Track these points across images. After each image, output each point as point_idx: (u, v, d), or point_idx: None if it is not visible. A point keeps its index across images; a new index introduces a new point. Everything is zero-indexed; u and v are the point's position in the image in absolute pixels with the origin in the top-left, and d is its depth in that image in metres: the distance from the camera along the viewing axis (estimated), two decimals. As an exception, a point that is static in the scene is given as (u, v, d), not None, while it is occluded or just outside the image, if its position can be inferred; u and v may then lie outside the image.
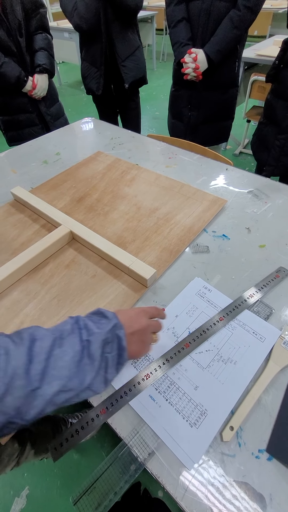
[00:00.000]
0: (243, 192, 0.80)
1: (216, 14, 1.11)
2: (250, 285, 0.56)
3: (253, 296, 0.54)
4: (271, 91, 1.28)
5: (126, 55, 1.39)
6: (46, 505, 0.88)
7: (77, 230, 0.66)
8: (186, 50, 1.20)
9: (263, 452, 0.38)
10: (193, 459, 0.37)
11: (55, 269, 0.61)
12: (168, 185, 0.82)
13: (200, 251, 0.64)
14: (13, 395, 0.27)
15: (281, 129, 1.22)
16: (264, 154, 1.36)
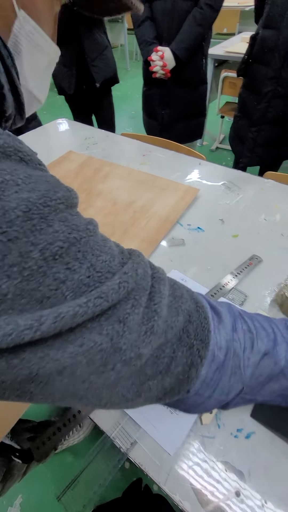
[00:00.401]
0: (216, 185, 0.82)
1: (179, 13, 1.13)
2: (225, 273, 0.58)
3: (228, 284, 0.56)
4: (243, 85, 1.32)
5: (95, 55, 1.40)
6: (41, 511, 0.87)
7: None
8: (153, 49, 1.21)
9: (241, 431, 0.39)
10: (174, 444, 0.38)
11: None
12: (142, 179, 0.83)
13: (176, 244, 0.65)
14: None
15: (252, 121, 1.25)
16: (239, 146, 1.40)
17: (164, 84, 1.33)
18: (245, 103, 1.30)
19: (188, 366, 0.21)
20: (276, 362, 0.25)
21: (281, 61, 1.08)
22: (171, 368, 0.21)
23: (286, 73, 1.09)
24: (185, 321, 0.22)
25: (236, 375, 0.24)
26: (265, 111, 1.20)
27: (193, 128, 1.56)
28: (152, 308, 0.20)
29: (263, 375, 0.25)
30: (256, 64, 1.18)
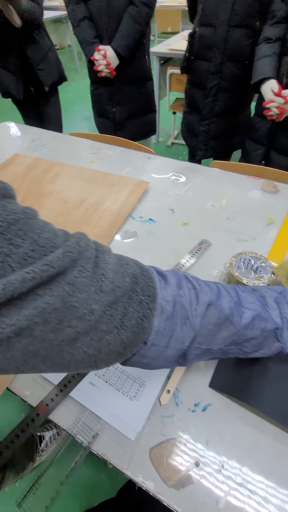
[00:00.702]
0: (165, 177, 0.84)
1: (116, 11, 1.14)
2: (177, 260, 0.60)
3: (181, 269, 0.58)
4: (188, 81, 1.36)
5: (39, 58, 1.37)
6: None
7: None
8: (94, 48, 1.21)
9: (198, 405, 0.41)
10: (135, 429, 0.39)
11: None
12: (92, 177, 0.83)
13: (129, 237, 0.66)
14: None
15: (203, 116, 1.31)
16: (193, 140, 1.45)
17: (111, 83, 1.33)
18: (192, 98, 1.35)
19: (141, 318, 0.24)
20: (221, 310, 0.29)
21: (221, 57, 1.13)
22: (125, 322, 0.23)
23: (227, 67, 1.15)
24: (132, 282, 0.25)
25: (187, 325, 0.27)
26: (213, 105, 1.26)
27: (145, 124, 1.58)
28: (98, 272, 0.23)
29: (211, 324, 0.29)
30: (198, 60, 1.23)
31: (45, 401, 0.41)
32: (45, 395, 0.42)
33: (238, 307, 0.30)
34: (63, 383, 0.43)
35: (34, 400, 0.42)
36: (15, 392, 0.43)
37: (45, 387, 0.43)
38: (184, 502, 0.34)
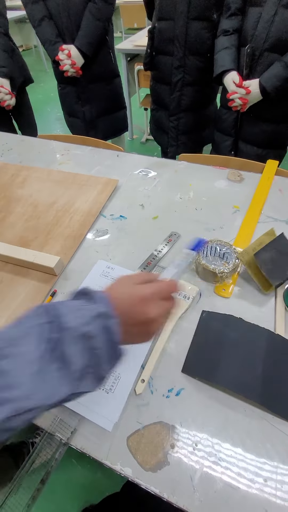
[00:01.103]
0: (135, 174, 0.85)
1: (75, 9, 1.13)
2: (147, 254, 0.61)
3: (151, 263, 0.59)
4: (152, 78, 1.37)
5: (1, 60, 1.32)
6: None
7: None
8: (58, 48, 1.20)
9: (171, 391, 0.42)
10: (112, 420, 0.40)
11: None
12: (61, 178, 0.83)
13: (100, 235, 0.67)
14: None
15: (170, 111, 1.32)
16: (163, 137, 1.46)
17: (77, 82, 1.32)
18: (158, 94, 1.36)
19: None
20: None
21: (183, 50, 1.14)
22: None
23: (190, 61, 1.16)
24: None
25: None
26: (179, 99, 1.27)
27: (116, 121, 1.58)
28: None
29: None
30: (160, 55, 1.23)
31: (22, 404, 0.42)
32: (21, 398, 0.42)
33: None
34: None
35: (11, 403, 0.42)
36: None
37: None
38: (161, 483, 0.35)
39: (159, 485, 0.35)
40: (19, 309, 0.53)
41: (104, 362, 0.27)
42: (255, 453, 0.37)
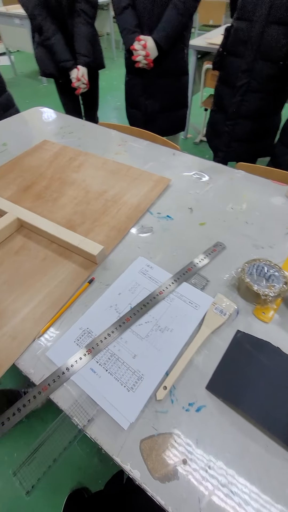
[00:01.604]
0: (188, 175, 0.83)
1: (160, 1, 1.12)
2: (189, 259, 0.60)
3: (191, 270, 0.58)
4: (218, 78, 1.32)
5: (85, 49, 1.37)
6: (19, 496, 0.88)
7: (25, 216, 0.65)
8: (135, 37, 1.20)
9: (192, 405, 0.41)
10: (129, 419, 0.40)
11: (4, 257, 0.60)
12: (115, 169, 0.84)
13: (144, 232, 0.67)
14: None
15: (228, 115, 1.27)
16: (216, 141, 1.41)
17: (146, 74, 1.32)
18: (220, 96, 1.31)
19: None
20: None
21: (254, 54, 1.09)
22: None
23: (259, 66, 1.10)
24: None
25: None
26: (240, 105, 1.22)
27: (176, 119, 1.56)
28: None
29: None
30: (231, 56, 1.18)
31: (47, 381, 0.43)
32: (48, 375, 0.44)
33: None
34: (65, 366, 0.45)
35: (37, 378, 0.44)
36: (20, 368, 0.45)
37: (49, 367, 0.45)
38: (168, 496, 0.35)
39: (165, 497, 0.34)
40: (58, 288, 0.54)
41: None
42: (273, 496, 0.34)
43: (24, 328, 0.48)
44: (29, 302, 0.52)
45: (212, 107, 1.41)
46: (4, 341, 0.47)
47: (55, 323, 0.51)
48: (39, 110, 1.20)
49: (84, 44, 1.33)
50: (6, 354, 0.45)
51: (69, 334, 0.49)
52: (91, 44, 1.35)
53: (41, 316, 0.50)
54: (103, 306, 0.53)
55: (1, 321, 0.49)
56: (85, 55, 1.33)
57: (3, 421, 0.41)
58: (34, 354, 0.47)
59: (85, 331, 0.49)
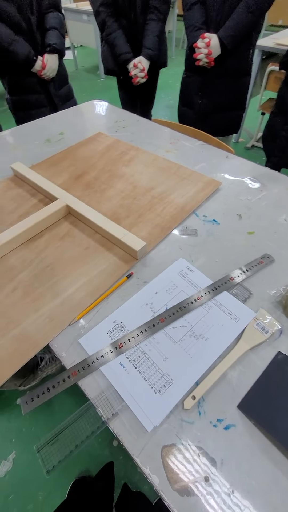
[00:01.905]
0: (240, 180, 0.79)
1: (232, -2, 1.08)
2: (233, 268, 0.57)
3: (234, 279, 0.55)
4: (284, 80, 1.25)
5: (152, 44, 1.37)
6: (31, 469, 0.93)
7: (73, 204, 0.67)
8: (199, 35, 1.17)
9: (221, 422, 0.39)
10: (153, 422, 0.39)
11: (50, 240, 0.63)
12: (165, 167, 0.83)
13: (188, 234, 0.65)
14: None
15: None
16: (271, 145, 1.34)
17: (205, 72, 1.29)
18: (283, 98, 1.23)
19: None
20: None
21: None
22: None
23: None
24: None
25: None
26: None
27: (230, 121, 1.50)
28: None
29: None
30: (302, 58, 1.10)
31: (78, 367, 0.44)
32: (79, 361, 0.45)
33: None
34: (96, 356, 0.45)
35: (68, 362, 0.45)
36: (53, 349, 0.47)
37: (80, 354, 0.46)
38: (185, 510, 0.33)
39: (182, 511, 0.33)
40: (97, 278, 0.55)
41: None
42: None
43: (62, 311, 0.50)
44: (68, 288, 0.53)
45: (272, 109, 1.34)
46: (41, 321, 0.48)
47: (90, 312, 0.51)
48: (96, 103, 1.24)
49: (152, 39, 1.34)
50: (43, 334, 0.47)
51: (102, 325, 0.49)
52: (159, 40, 1.35)
53: (79, 302, 0.51)
54: (139, 303, 0.52)
55: (41, 301, 0.51)
56: (149, 48, 1.34)
57: (32, 397, 0.42)
58: (67, 339, 0.48)
59: (118, 325, 0.49)
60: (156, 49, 1.36)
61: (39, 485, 0.90)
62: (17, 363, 0.43)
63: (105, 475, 0.86)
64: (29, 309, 0.50)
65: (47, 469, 0.36)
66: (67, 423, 0.40)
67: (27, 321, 0.48)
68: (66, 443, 0.38)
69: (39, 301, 0.51)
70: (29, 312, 0.49)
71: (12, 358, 0.44)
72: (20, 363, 0.43)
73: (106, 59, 1.48)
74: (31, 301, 0.51)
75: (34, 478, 0.91)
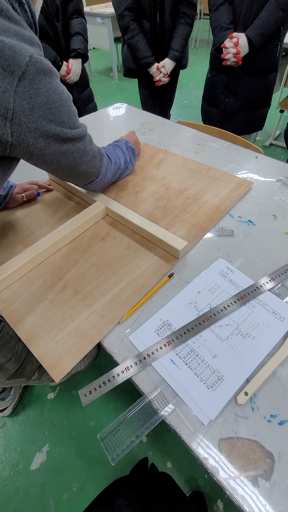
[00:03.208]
0: (272, 180, 0.80)
1: (262, -4, 1.08)
2: (273, 268, 0.58)
3: (275, 279, 0.56)
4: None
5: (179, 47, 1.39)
6: (64, 462, 0.96)
7: (112, 206, 0.69)
8: (227, 35, 1.17)
9: (275, 417, 0.40)
10: (209, 416, 0.40)
11: (92, 241, 0.65)
12: (195, 168, 0.84)
13: (224, 235, 0.66)
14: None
15: None
16: None
17: (232, 71, 1.29)
18: None
19: (99, 163, 0.63)
20: (120, 167, 0.74)
21: None
22: (96, 163, 0.61)
23: None
24: (96, 151, 0.60)
25: (111, 170, 0.69)
26: None
27: (255, 118, 1.49)
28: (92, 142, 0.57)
29: (116, 170, 0.72)
30: None
31: (129, 363, 0.46)
32: (130, 357, 0.47)
33: (120, 158, 0.74)
34: (147, 352, 0.47)
35: (120, 358, 0.47)
36: (105, 346, 0.49)
37: (131, 350, 0.48)
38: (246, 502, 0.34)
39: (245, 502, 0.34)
40: (141, 277, 0.57)
41: (132, 156, 0.81)
42: None
43: (111, 309, 0.52)
44: (115, 286, 0.56)
45: None
46: (93, 318, 0.51)
47: (137, 310, 0.53)
48: (120, 106, 1.26)
49: (180, 42, 1.36)
50: (96, 330, 0.49)
51: (150, 323, 0.51)
52: (185, 43, 1.37)
53: (127, 299, 0.53)
54: (183, 302, 0.54)
55: (91, 299, 0.54)
56: (176, 50, 1.36)
57: (90, 390, 0.45)
58: (117, 336, 0.50)
59: (165, 323, 0.51)
60: (182, 51, 1.37)
61: (73, 477, 0.93)
62: (76, 357, 0.46)
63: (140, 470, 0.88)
64: (80, 306, 0.53)
65: (112, 457, 0.38)
66: (126, 415, 0.42)
67: (80, 318, 0.51)
68: (127, 433, 0.40)
69: (89, 298, 0.54)
70: (81, 309, 0.52)
71: (71, 352, 0.47)
72: (79, 357, 0.46)
73: (127, 61, 1.50)
74: (81, 298, 0.54)
75: (67, 470, 0.94)
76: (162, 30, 1.34)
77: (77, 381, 1.12)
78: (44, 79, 0.41)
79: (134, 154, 0.82)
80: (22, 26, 0.41)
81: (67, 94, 0.46)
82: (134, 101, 1.73)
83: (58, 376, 0.45)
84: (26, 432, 1.03)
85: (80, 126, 0.51)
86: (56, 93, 0.43)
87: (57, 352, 0.47)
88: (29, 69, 0.39)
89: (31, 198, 0.77)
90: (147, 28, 1.34)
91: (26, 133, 0.42)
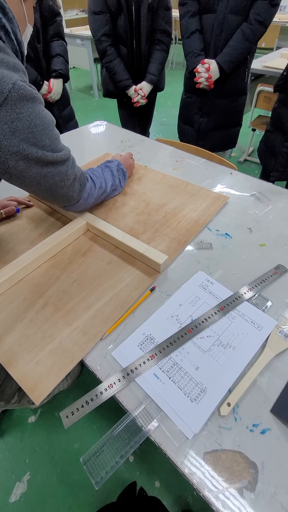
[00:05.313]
0: (246, 195, 0.84)
1: (228, 27, 1.18)
2: (250, 279, 0.60)
3: (252, 290, 0.58)
4: (279, 100, 1.33)
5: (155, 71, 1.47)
6: (46, 490, 0.91)
7: (93, 221, 0.70)
8: (199, 60, 1.26)
9: (257, 426, 0.41)
10: (193, 429, 0.41)
11: (73, 257, 0.65)
12: (174, 184, 0.87)
13: (204, 248, 0.68)
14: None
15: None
16: (271, 161, 1.41)
17: (205, 93, 1.37)
18: (280, 117, 1.31)
19: (80, 188, 0.62)
20: (105, 191, 0.74)
21: None
22: (80, 187, 0.62)
23: None
24: (79, 176, 0.60)
25: (94, 195, 0.69)
26: None
27: (228, 137, 1.59)
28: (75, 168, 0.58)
29: (100, 194, 0.73)
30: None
31: (113, 380, 0.46)
32: (114, 374, 0.46)
33: (106, 182, 0.75)
34: (130, 368, 0.47)
35: (103, 375, 0.47)
36: (88, 364, 0.48)
37: (114, 367, 0.48)
38: None
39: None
40: (123, 292, 0.57)
41: (122, 178, 0.81)
42: None
43: (94, 325, 0.52)
44: (97, 301, 0.55)
45: (268, 127, 1.42)
46: (75, 335, 0.50)
47: (120, 325, 0.53)
48: (100, 124, 1.29)
49: (156, 66, 1.44)
50: (78, 347, 0.49)
51: (133, 338, 0.51)
52: (161, 68, 1.45)
53: (109, 315, 0.53)
54: (165, 315, 0.55)
55: (73, 316, 0.53)
56: (153, 74, 1.43)
57: (72, 411, 0.43)
58: (100, 352, 0.50)
59: (148, 337, 0.51)
60: (158, 75, 1.45)
61: (56, 507, 0.88)
62: (57, 377, 0.45)
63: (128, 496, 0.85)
64: (62, 323, 0.52)
65: (96, 480, 0.37)
66: (110, 435, 0.41)
67: (62, 335, 0.50)
68: (111, 454, 0.39)
69: (70, 315, 0.53)
70: (63, 326, 0.51)
71: (52, 372, 0.45)
72: (60, 376, 0.45)
73: (106, 83, 1.56)
74: (62, 315, 0.53)
75: (50, 499, 0.89)
76: (139, 55, 1.41)
77: (60, 402, 1.08)
78: (27, 105, 0.42)
79: (125, 176, 0.81)
80: (6, 53, 0.42)
81: (50, 119, 0.47)
82: (115, 119, 1.79)
83: (39, 398, 0.43)
84: (5, 461, 0.97)
85: (63, 149, 0.51)
86: (38, 117, 0.44)
87: (37, 372, 0.46)
88: (11, 96, 0.39)
89: (11, 214, 0.76)
90: (125, 53, 1.41)
91: (6, 156, 0.43)
